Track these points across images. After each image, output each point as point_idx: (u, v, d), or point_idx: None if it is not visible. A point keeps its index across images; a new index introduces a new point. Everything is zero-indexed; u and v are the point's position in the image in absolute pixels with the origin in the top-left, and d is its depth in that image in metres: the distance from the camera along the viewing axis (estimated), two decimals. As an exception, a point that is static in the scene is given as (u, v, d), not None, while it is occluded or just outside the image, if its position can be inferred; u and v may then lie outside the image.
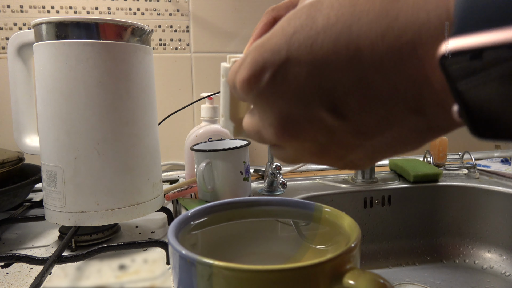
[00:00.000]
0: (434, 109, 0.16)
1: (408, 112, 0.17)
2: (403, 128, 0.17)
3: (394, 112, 0.17)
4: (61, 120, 0.46)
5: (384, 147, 0.19)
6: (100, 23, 0.45)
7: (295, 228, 0.33)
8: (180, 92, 0.86)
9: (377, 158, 0.20)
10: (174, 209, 0.61)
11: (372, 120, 0.17)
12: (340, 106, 0.17)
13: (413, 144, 0.19)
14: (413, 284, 0.63)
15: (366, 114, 0.17)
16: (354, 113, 0.17)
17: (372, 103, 0.17)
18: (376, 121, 0.17)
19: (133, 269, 0.44)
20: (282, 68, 0.17)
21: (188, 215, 0.31)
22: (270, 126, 0.20)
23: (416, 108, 0.16)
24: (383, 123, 0.17)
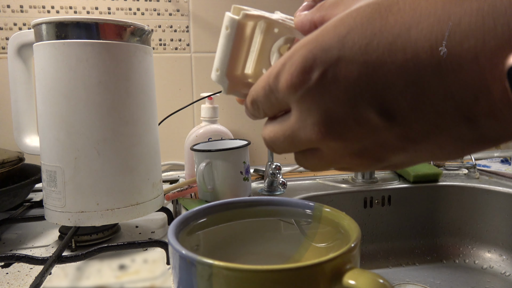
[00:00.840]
0: (487, 119, 0.16)
1: (460, 120, 0.16)
2: (451, 136, 0.17)
3: (445, 119, 0.16)
4: (61, 120, 0.46)
5: (427, 153, 0.19)
6: (100, 23, 0.45)
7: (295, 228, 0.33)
8: (180, 92, 0.86)
9: (416, 162, 0.20)
10: (174, 209, 0.61)
11: (421, 125, 0.17)
12: (390, 108, 0.17)
13: (456, 153, 0.18)
14: (413, 284, 0.63)
15: (416, 118, 0.17)
16: (403, 116, 0.17)
17: (424, 108, 0.16)
18: (425, 126, 0.17)
19: (133, 269, 0.44)
20: (334, 67, 0.17)
21: (188, 215, 0.31)
22: (314, 125, 0.19)
23: (469, 116, 0.16)
24: (432, 129, 0.17)
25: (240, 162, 0.59)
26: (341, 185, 0.71)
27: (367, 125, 0.18)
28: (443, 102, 0.16)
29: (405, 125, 0.17)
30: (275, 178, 0.67)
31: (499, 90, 0.15)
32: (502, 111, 0.15)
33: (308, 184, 0.73)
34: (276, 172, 0.67)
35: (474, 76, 0.15)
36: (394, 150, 0.19)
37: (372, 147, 0.19)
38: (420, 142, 0.18)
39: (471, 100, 0.15)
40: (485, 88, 0.15)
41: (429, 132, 0.17)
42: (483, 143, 0.17)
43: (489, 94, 0.15)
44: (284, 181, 0.68)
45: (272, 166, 0.67)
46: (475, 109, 0.16)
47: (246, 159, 0.60)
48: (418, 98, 0.16)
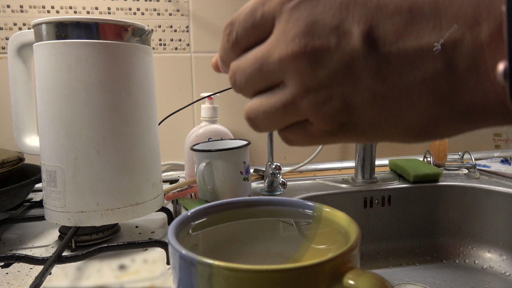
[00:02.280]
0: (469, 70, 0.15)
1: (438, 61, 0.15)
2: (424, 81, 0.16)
3: (424, 55, 0.15)
4: (61, 120, 0.46)
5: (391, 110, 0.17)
6: (100, 23, 0.45)
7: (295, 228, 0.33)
8: (180, 92, 0.86)
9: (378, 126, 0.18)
10: (174, 209, 0.61)
11: (398, 57, 0.16)
12: (376, 33, 0.16)
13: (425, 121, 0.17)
14: (413, 284, 0.63)
15: (395, 48, 0.16)
16: (384, 44, 0.16)
17: (408, 37, 0.15)
18: (401, 60, 0.16)
19: (133, 269, 0.44)
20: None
21: (188, 215, 0.31)
22: (294, 37, 0.18)
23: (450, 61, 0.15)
24: (407, 64, 0.16)
25: (240, 162, 0.59)
26: (341, 185, 0.71)
27: (346, 48, 0.17)
28: (430, 34, 0.15)
29: (382, 56, 0.16)
30: (275, 178, 0.67)
31: (489, 30, 0.14)
32: (485, 61, 0.14)
33: (308, 184, 0.73)
34: (276, 172, 0.67)
35: (470, 6, 0.14)
36: (362, 90, 0.17)
37: (342, 79, 0.17)
38: (391, 84, 0.17)
39: (459, 37, 0.15)
40: (476, 23, 0.14)
41: (403, 71, 0.16)
42: (456, 109, 0.16)
43: (478, 33, 0.14)
44: (284, 181, 0.68)
45: (272, 166, 0.67)
46: (458, 51, 0.15)
47: (246, 159, 0.60)
48: (407, 24, 0.15)
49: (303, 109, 0.19)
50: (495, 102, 0.15)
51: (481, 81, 0.15)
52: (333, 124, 0.19)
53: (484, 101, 0.15)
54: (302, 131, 0.20)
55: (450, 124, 0.17)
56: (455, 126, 0.17)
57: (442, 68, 0.15)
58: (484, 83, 0.15)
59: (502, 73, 0.13)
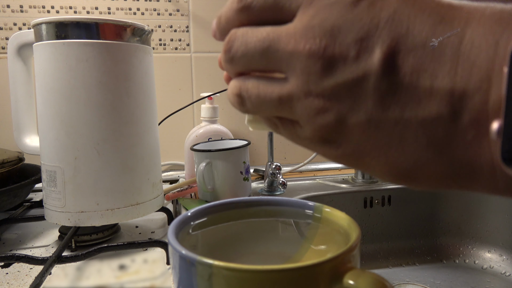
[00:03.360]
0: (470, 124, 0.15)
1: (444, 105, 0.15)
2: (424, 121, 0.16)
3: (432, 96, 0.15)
4: (61, 120, 0.46)
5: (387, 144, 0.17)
6: (100, 23, 0.45)
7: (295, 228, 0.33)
8: (180, 92, 0.86)
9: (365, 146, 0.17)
10: (174, 209, 0.61)
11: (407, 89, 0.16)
12: (396, 59, 0.16)
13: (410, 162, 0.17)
14: (413, 284, 0.63)
15: (407, 80, 0.15)
16: (399, 74, 0.16)
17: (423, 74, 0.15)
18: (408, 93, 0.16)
19: (133, 269, 0.44)
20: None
21: (188, 215, 0.31)
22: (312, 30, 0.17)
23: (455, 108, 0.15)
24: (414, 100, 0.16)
25: (240, 162, 0.59)
26: (341, 185, 0.71)
27: (363, 60, 0.16)
28: (444, 77, 0.15)
29: (392, 84, 0.16)
30: (275, 178, 0.67)
31: (498, 93, 0.14)
32: (487, 119, 0.14)
33: (308, 184, 0.73)
34: (276, 172, 0.67)
35: (486, 63, 0.14)
36: (363, 110, 0.17)
37: (347, 91, 0.17)
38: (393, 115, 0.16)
39: (471, 87, 0.14)
40: (490, 81, 0.14)
41: (408, 105, 0.16)
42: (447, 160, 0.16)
43: (491, 90, 0.14)
44: (284, 181, 0.68)
45: (272, 166, 0.67)
46: (466, 102, 0.15)
47: (246, 159, 0.60)
48: (426, 61, 0.15)
49: (297, 111, 0.18)
50: (486, 163, 0.15)
51: (478, 138, 0.15)
52: (319, 137, 0.18)
53: (476, 159, 0.15)
54: (289, 127, 0.20)
55: (434, 175, 0.16)
56: (438, 179, 0.16)
57: (446, 114, 0.15)
58: (480, 141, 0.15)
59: (496, 130, 0.13)
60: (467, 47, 0.14)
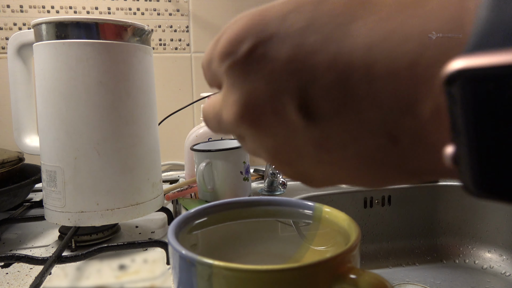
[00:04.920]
0: (411, 141, 0.14)
1: (382, 136, 0.15)
2: (369, 153, 0.15)
3: (367, 131, 0.15)
4: (61, 120, 0.46)
5: (343, 172, 0.17)
6: (100, 23, 0.45)
7: (295, 228, 0.33)
8: (180, 92, 0.86)
9: (331, 182, 0.18)
10: (174, 209, 0.61)
11: (340, 134, 0.15)
12: (311, 106, 0.15)
13: (374, 178, 0.16)
14: (413, 284, 0.63)
15: (336, 124, 0.15)
16: (323, 118, 0.15)
17: (347, 114, 0.15)
18: (344, 136, 0.15)
19: (133, 269, 0.44)
20: (266, 43, 0.15)
21: (188, 215, 0.31)
22: (233, 104, 0.17)
23: (392, 133, 0.14)
24: (351, 141, 0.15)
25: (240, 162, 0.59)
26: (341, 185, 0.71)
27: (284, 119, 0.16)
28: (369, 111, 0.14)
29: (322, 130, 0.15)
30: (275, 178, 0.67)
31: (430, 108, 0.13)
32: (430, 134, 0.14)
33: (308, 184, 0.73)
34: (276, 172, 0.67)
35: (406, 87, 0.13)
36: (307, 157, 0.17)
37: (285, 145, 0.17)
38: (336, 155, 0.16)
39: (398, 114, 0.14)
40: (415, 102, 0.13)
41: (347, 144, 0.15)
42: (404, 172, 0.15)
43: (418, 110, 0.13)
44: (284, 181, 0.68)
45: (272, 166, 0.67)
46: (400, 126, 0.14)
47: (246, 159, 0.60)
48: (343, 101, 0.14)
49: (266, 159, 0.19)
50: (445, 169, 0.14)
51: (428, 152, 0.14)
52: (292, 177, 0.19)
53: (433, 167, 0.15)
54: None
55: (401, 182, 0.17)
56: (409, 182, 0.17)
57: (385, 142, 0.15)
58: (431, 154, 0.14)
59: (450, 157, 0.13)
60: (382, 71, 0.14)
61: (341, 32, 0.14)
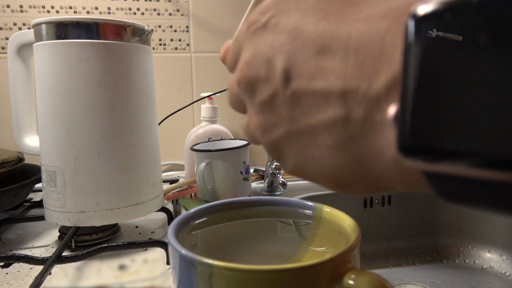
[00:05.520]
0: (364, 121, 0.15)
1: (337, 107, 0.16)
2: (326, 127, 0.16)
3: (328, 100, 0.16)
4: (61, 120, 0.46)
5: (304, 145, 0.18)
6: (100, 23, 0.45)
7: (295, 228, 0.33)
8: (180, 92, 0.86)
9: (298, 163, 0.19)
10: (174, 209, 0.61)
11: (309, 98, 0.17)
12: (293, 72, 0.17)
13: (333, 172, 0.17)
14: (413, 284, 0.63)
15: (307, 90, 0.17)
16: (298, 84, 0.17)
17: (318, 82, 0.16)
18: (311, 100, 0.17)
19: (133, 269, 0.44)
20: (280, 15, 0.18)
21: (188, 215, 0.31)
22: (241, 62, 0.20)
23: (348, 107, 0.15)
24: (316, 106, 0.17)
25: (240, 162, 0.59)
26: (341, 185, 0.71)
27: (271, 79, 0.18)
28: (335, 81, 0.16)
29: (296, 94, 0.17)
30: (275, 178, 0.67)
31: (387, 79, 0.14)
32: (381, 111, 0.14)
33: (308, 184, 0.73)
34: (276, 172, 0.67)
35: (373, 58, 0.14)
36: (282, 125, 0.19)
37: (267, 107, 0.19)
38: (303, 125, 0.17)
39: (357, 84, 0.15)
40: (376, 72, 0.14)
41: (312, 112, 0.17)
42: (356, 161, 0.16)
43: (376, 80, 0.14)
44: (284, 181, 0.68)
45: (272, 166, 0.67)
46: (357, 98, 0.15)
47: (246, 159, 0.60)
48: (317, 71, 0.16)
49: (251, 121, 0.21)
50: (390, 159, 0.15)
51: (377, 134, 0.15)
52: (272, 154, 0.21)
53: (381, 156, 0.15)
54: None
55: (355, 177, 0.17)
56: (361, 180, 0.17)
57: (340, 114, 0.16)
58: (380, 137, 0.15)
59: (392, 116, 0.13)
60: (354, 48, 0.15)
61: (337, 13, 0.16)
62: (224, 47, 0.26)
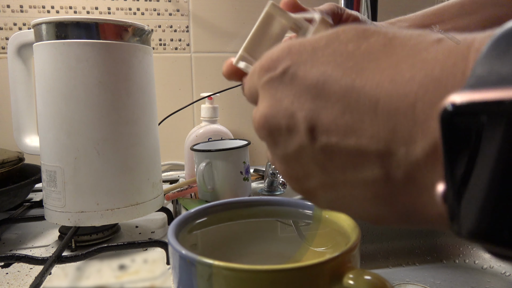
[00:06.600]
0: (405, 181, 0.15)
1: (375, 167, 0.16)
2: (364, 182, 0.16)
3: (364, 159, 0.16)
4: (61, 120, 0.46)
5: (340, 198, 0.18)
6: (100, 23, 0.45)
7: (295, 228, 0.33)
8: (180, 92, 0.86)
9: (332, 206, 0.19)
10: (174, 209, 0.61)
11: (341, 157, 0.17)
12: (320, 130, 0.17)
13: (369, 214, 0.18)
14: (413, 284, 0.63)
15: (338, 148, 0.17)
16: (328, 143, 0.17)
17: (349, 141, 0.16)
18: (344, 159, 0.17)
19: (133, 269, 0.44)
20: (298, 65, 0.18)
21: (188, 215, 0.31)
22: (259, 112, 0.20)
23: (386, 168, 0.15)
24: (349, 164, 0.17)
25: (240, 162, 0.59)
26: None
27: (294, 135, 0.18)
28: (368, 142, 0.15)
29: (326, 152, 0.17)
30: (275, 178, 0.67)
31: (425, 148, 0.14)
32: (423, 174, 0.14)
33: (308, 184, 0.73)
34: (276, 172, 0.67)
35: (405, 124, 0.14)
36: (313, 177, 0.18)
37: (294, 162, 0.19)
38: (336, 180, 0.17)
39: (394, 149, 0.15)
40: (411, 140, 0.14)
41: (346, 169, 0.17)
42: (395, 211, 0.16)
43: (413, 148, 0.14)
44: (284, 181, 0.68)
45: (272, 166, 0.67)
46: (395, 161, 0.15)
47: (246, 159, 0.60)
48: (347, 129, 0.16)
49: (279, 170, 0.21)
50: (436, 215, 0.15)
51: (420, 193, 0.15)
52: (300, 194, 0.21)
53: (425, 211, 0.15)
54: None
55: (396, 222, 0.17)
56: (399, 223, 0.17)
57: (379, 174, 0.16)
58: (423, 196, 0.15)
59: (441, 195, 0.13)
60: (385, 111, 0.15)
61: (358, 70, 0.16)
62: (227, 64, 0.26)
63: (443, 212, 0.14)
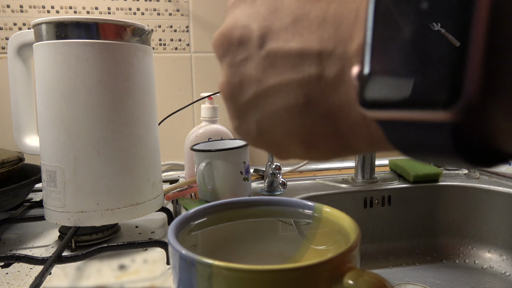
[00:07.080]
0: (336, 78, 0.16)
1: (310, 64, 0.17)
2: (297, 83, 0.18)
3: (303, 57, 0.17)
4: (61, 120, 0.46)
5: (272, 108, 0.19)
6: (100, 23, 0.45)
7: (295, 227, 0.33)
8: (180, 92, 0.86)
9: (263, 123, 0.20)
10: (174, 209, 0.61)
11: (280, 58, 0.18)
12: (268, 37, 0.18)
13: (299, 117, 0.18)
14: (413, 284, 0.63)
15: (284, 47, 0.18)
16: (276, 44, 0.18)
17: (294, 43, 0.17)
18: (282, 61, 0.18)
19: (133, 269, 0.44)
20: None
21: (188, 215, 0.31)
22: (220, 28, 0.21)
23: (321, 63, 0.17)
24: (288, 65, 0.18)
25: (240, 162, 0.59)
26: (341, 185, 0.71)
27: (247, 41, 0.19)
28: (312, 43, 0.17)
29: (270, 55, 0.18)
30: (275, 178, 0.67)
31: (359, 40, 0.15)
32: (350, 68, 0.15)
33: (308, 184, 0.73)
34: (276, 172, 0.67)
35: (348, 25, 0.16)
36: (250, 84, 0.19)
37: (236, 68, 0.20)
38: (273, 84, 0.18)
39: (335, 46, 0.16)
40: (351, 37, 0.16)
41: (284, 72, 0.18)
42: (325, 116, 0.17)
43: (351, 44, 0.16)
44: (284, 181, 0.68)
45: (272, 166, 0.67)
46: (331, 58, 0.16)
47: (246, 159, 0.60)
48: (294, 35, 0.17)
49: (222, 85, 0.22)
50: (359, 116, 0.16)
51: (347, 88, 0.16)
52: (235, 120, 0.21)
53: (349, 111, 0.16)
54: None
55: (322, 134, 0.18)
56: (331, 140, 0.18)
57: (315, 72, 0.17)
58: (349, 92, 0.16)
59: (355, 74, 0.15)
60: (331, 16, 0.16)
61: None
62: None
63: (364, 112, 0.15)
